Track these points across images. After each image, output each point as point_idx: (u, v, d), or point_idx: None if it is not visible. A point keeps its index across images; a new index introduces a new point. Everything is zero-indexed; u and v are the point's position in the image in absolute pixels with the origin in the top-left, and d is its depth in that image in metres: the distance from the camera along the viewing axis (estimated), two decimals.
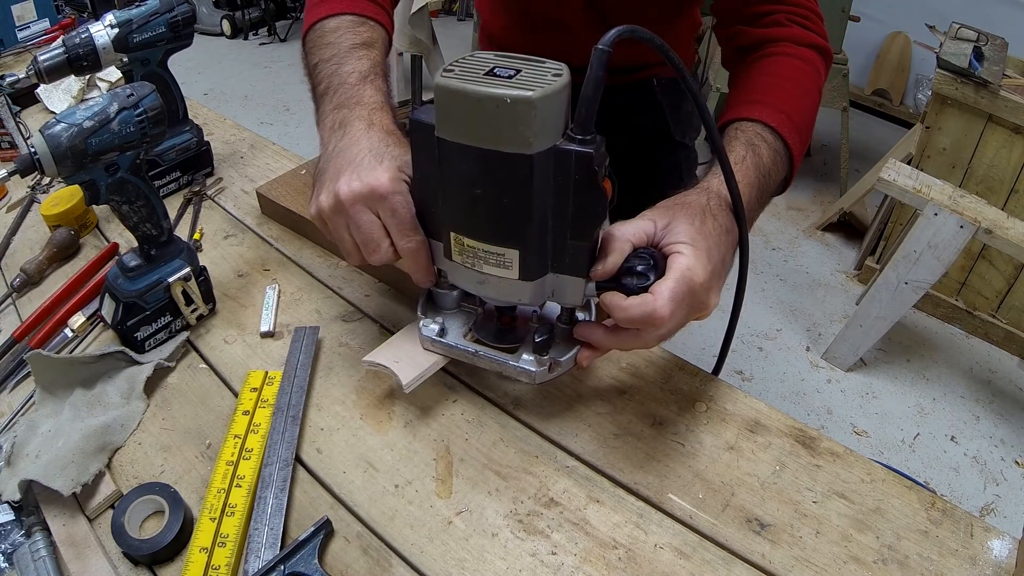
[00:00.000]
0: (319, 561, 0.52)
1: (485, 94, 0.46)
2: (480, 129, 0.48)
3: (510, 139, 0.47)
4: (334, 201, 0.57)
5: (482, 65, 0.49)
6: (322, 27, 0.70)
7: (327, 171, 0.59)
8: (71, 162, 0.59)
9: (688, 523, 0.55)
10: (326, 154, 0.61)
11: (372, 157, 0.57)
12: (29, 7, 1.38)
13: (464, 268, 0.56)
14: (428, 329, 0.63)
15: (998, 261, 2.07)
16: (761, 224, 2.74)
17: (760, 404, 0.65)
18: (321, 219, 0.60)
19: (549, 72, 0.48)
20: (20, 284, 0.81)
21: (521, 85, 0.46)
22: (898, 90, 3.37)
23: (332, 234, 0.60)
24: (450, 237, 0.55)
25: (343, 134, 0.60)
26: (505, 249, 0.53)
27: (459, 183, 0.52)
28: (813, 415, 1.94)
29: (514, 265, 0.53)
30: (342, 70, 0.65)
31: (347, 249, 0.60)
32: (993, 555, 0.53)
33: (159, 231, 0.69)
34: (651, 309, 0.50)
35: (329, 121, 0.63)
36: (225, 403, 0.66)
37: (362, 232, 0.57)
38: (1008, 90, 1.86)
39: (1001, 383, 2.07)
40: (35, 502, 0.57)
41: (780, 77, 0.71)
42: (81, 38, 0.79)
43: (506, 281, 0.55)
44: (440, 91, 0.48)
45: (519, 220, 0.51)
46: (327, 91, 0.65)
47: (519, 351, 0.61)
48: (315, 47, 0.70)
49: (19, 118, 1.14)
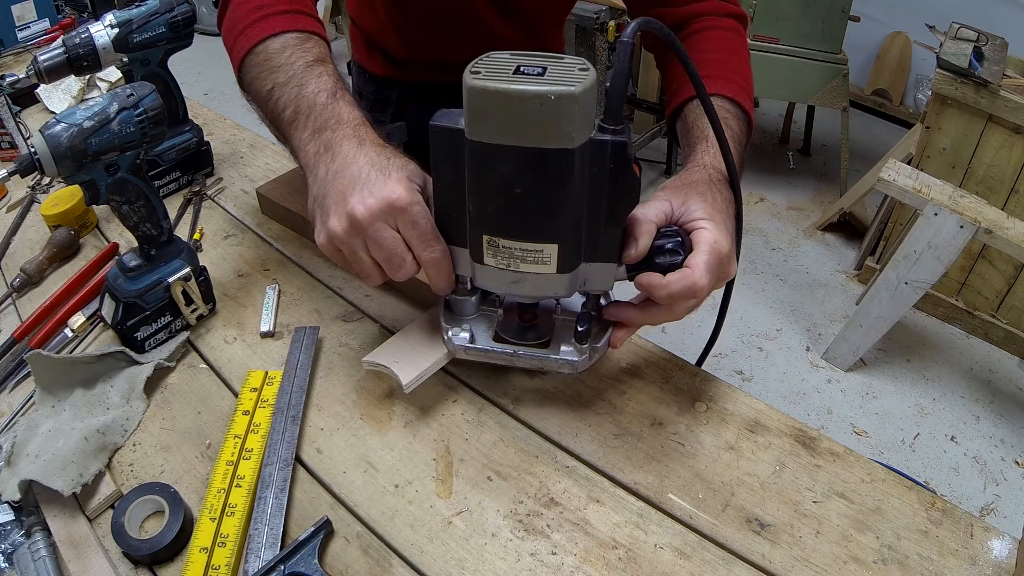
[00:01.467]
0: (319, 561, 0.52)
1: (528, 92, 0.46)
2: (522, 128, 0.48)
3: (553, 135, 0.48)
4: (348, 224, 0.54)
5: (506, 65, 0.48)
6: (264, 49, 0.65)
7: (329, 195, 0.55)
8: (71, 162, 0.59)
9: (688, 523, 0.55)
10: (320, 180, 0.57)
11: (377, 171, 0.55)
12: (29, 7, 1.38)
13: (497, 270, 0.56)
14: (459, 338, 0.61)
15: (998, 261, 2.07)
16: (761, 224, 2.74)
17: (760, 404, 0.65)
18: (333, 246, 0.56)
19: (575, 67, 0.48)
20: (20, 284, 0.81)
21: (557, 81, 0.46)
22: (898, 90, 3.36)
23: (348, 259, 0.57)
24: (482, 240, 0.54)
25: (332, 157, 0.57)
26: (544, 245, 0.53)
27: (496, 184, 0.51)
28: (813, 415, 1.94)
29: (552, 260, 0.54)
30: (306, 91, 0.61)
31: (367, 271, 0.57)
32: (993, 555, 0.53)
33: (159, 231, 0.69)
34: (691, 282, 0.54)
35: (311, 147, 0.59)
36: (225, 403, 0.66)
37: (384, 249, 0.54)
38: (1008, 90, 1.86)
39: (1001, 383, 2.07)
40: (35, 502, 0.57)
41: (719, 51, 0.76)
42: (81, 38, 0.79)
43: (543, 277, 0.55)
44: (476, 93, 0.47)
45: (559, 214, 0.52)
46: (296, 116, 0.61)
47: (553, 344, 0.61)
48: (263, 71, 0.64)
49: (19, 118, 1.14)
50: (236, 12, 0.69)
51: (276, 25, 0.66)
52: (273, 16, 0.67)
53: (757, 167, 3.10)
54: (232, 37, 0.69)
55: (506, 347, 0.61)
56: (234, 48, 0.68)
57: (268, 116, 0.65)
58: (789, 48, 2.52)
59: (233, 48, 0.69)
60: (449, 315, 0.64)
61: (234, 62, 0.69)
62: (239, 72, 0.68)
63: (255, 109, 0.68)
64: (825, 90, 2.57)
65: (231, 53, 0.69)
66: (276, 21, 0.66)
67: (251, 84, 0.67)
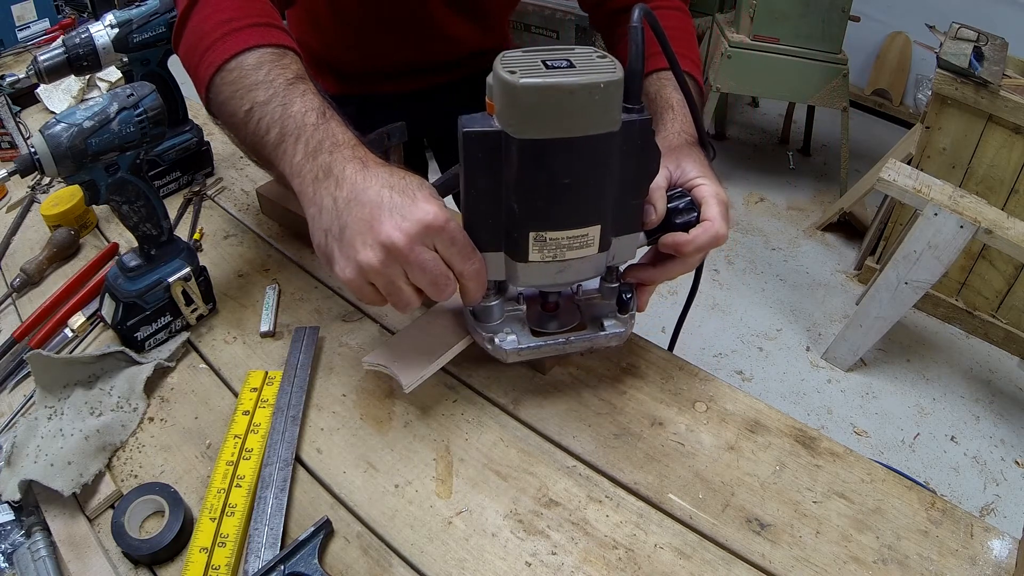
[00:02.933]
0: (319, 561, 0.52)
1: (579, 83, 0.48)
2: (573, 119, 0.49)
3: (601, 121, 0.50)
4: (384, 253, 0.50)
5: (532, 61, 0.50)
6: (238, 66, 0.60)
7: (348, 227, 0.51)
8: (71, 162, 0.59)
9: (688, 523, 0.55)
10: (328, 211, 0.53)
11: (399, 193, 0.52)
12: (29, 7, 1.38)
13: (543, 264, 0.56)
14: (508, 342, 0.60)
15: (998, 261, 2.07)
16: (761, 224, 2.74)
17: (760, 404, 0.65)
18: (363, 279, 0.52)
19: (592, 54, 0.51)
20: (20, 284, 0.81)
21: (592, 69, 0.49)
22: (898, 90, 3.36)
23: (384, 290, 0.53)
24: (528, 238, 0.54)
25: (337, 183, 0.53)
26: (588, 229, 0.55)
27: (545, 179, 0.51)
28: (813, 415, 1.94)
29: (595, 241, 0.56)
30: (291, 111, 0.57)
31: (406, 299, 0.54)
32: (993, 555, 0.53)
33: (159, 231, 0.69)
34: (714, 232, 0.60)
35: (308, 173, 0.55)
36: (225, 403, 0.66)
37: (428, 272, 0.52)
38: (1008, 90, 1.86)
39: (1001, 383, 2.07)
40: (35, 502, 0.57)
41: (672, 29, 0.80)
42: (81, 38, 0.79)
43: (586, 260, 0.57)
44: (527, 91, 0.47)
45: (602, 196, 0.54)
46: (283, 139, 0.56)
47: (590, 323, 0.63)
48: (239, 90, 0.59)
49: (19, 118, 1.14)
50: (200, 27, 0.64)
51: (248, 39, 0.61)
52: (243, 30, 0.62)
53: (757, 167, 3.10)
54: (197, 54, 0.63)
55: (557, 338, 0.61)
56: (200, 65, 0.62)
57: (246, 139, 0.60)
58: (789, 48, 2.52)
59: (199, 65, 0.62)
60: (479, 325, 0.62)
61: (200, 81, 0.63)
62: (207, 92, 0.62)
63: (227, 133, 0.64)
64: (825, 90, 2.57)
65: (195, 71, 0.63)
66: (247, 35, 0.61)
67: (224, 105, 0.61)
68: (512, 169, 0.51)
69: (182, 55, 0.66)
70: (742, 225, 2.75)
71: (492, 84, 0.50)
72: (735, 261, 2.54)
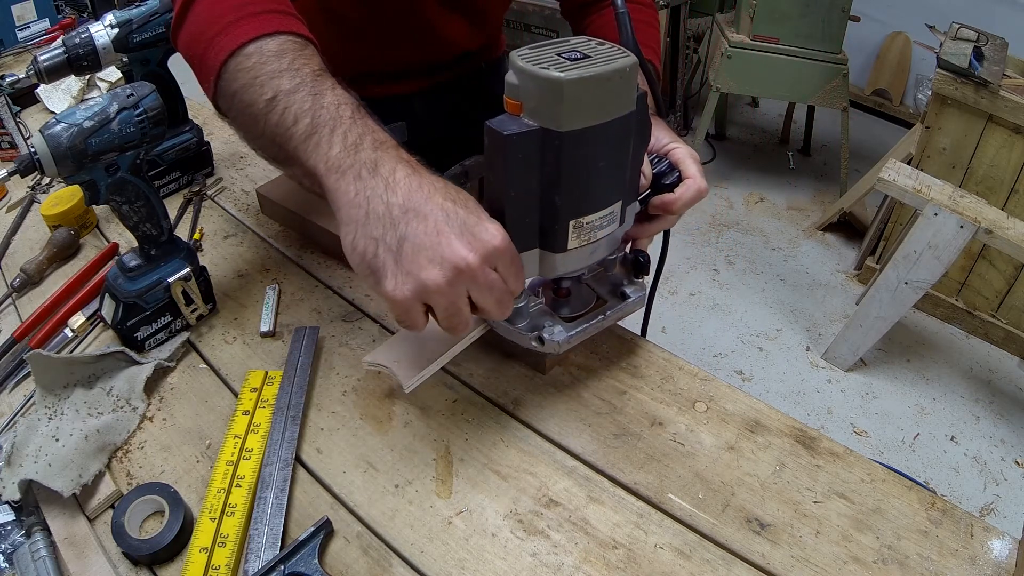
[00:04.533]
0: (319, 561, 0.52)
1: (612, 70, 0.50)
2: (606, 105, 0.52)
3: (626, 102, 0.53)
4: (455, 273, 0.47)
5: (549, 56, 0.51)
6: (258, 51, 0.55)
7: (408, 239, 0.47)
8: (71, 162, 0.59)
9: (688, 523, 0.55)
10: (381, 216, 0.48)
11: (464, 209, 0.49)
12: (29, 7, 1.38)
13: (579, 249, 0.57)
14: (556, 333, 0.61)
15: (998, 261, 2.07)
16: (761, 224, 2.74)
17: (760, 404, 0.65)
18: (418, 299, 0.48)
19: (591, 41, 0.54)
20: (20, 284, 0.81)
21: (607, 55, 0.51)
22: (898, 90, 3.37)
23: (444, 311, 0.50)
24: (567, 227, 0.55)
25: (386, 186, 0.49)
26: (614, 206, 0.58)
27: (584, 166, 0.53)
28: (813, 415, 1.94)
29: (617, 216, 0.59)
30: (324, 102, 0.53)
31: (464, 320, 0.51)
32: (993, 555, 0.53)
33: (159, 231, 0.69)
34: (698, 187, 0.65)
35: (349, 169, 0.50)
36: (225, 403, 0.66)
37: (496, 291, 0.50)
38: (1008, 90, 1.86)
39: (1001, 383, 2.07)
40: (35, 502, 0.57)
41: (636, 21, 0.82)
42: (81, 38, 0.79)
43: (611, 236, 0.60)
44: (572, 84, 0.49)
45: (624, 171, 0.58)
46: (316, 129, 0.52)
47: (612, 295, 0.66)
48: (259, 76, 0.54)
49: (19, 118, 1.14)
50: (210, 10, 0.59)
51: (268, 24, 0.56)
52: (261, 15, 0.57)
53: (757, 167, 3.10)
54: (206, 39, 0.57)
55: (596, 316, 0.64)
56: (210, 49, 0.57)
57: (265, 132, 0.55)
58: (789, 48, 2.52)
59: (208, 50, 0.57)
60: (513, 327, 0.62)
61: (208, 68, 0.57)
62: (217, 80, 0.57)
63: (236, 127, 0.58)
64: (825, 90, 2.57)
65: (203, 58, 0.58)
66: (266, 20, 0.57)
67: (238, 94, 0.55)
68: (555, 163, 0.52)
69: (184, 42, 0.61)
70: (742, 225, 2.75)
71: (518, 84, 0.50)
72: (735, 261, 2.54)
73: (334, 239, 0.81)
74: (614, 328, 0.73)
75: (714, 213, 2.81)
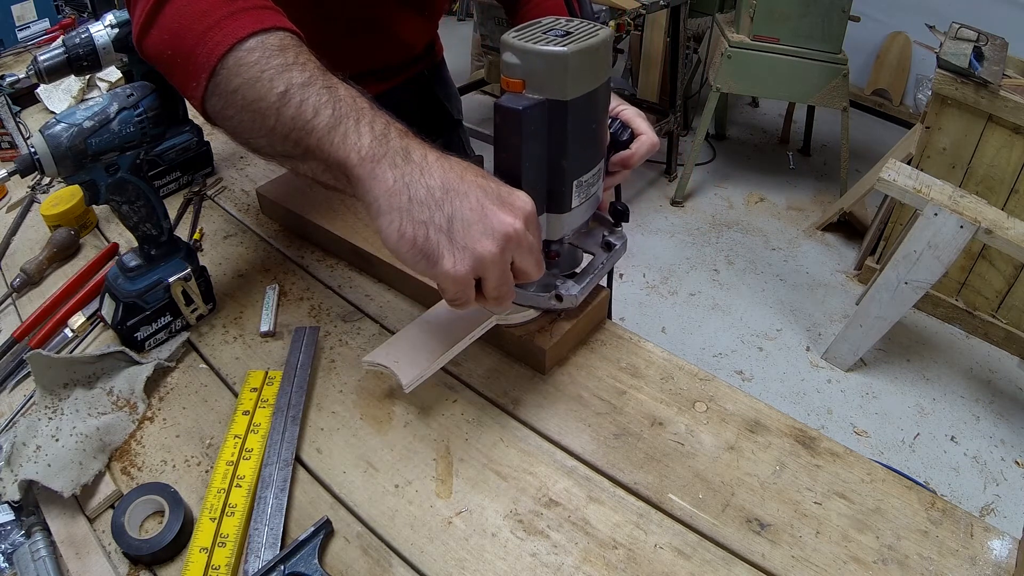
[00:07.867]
0: (319, 561, 0.52)
1: (599, 41, 0.56)
2: (598, 71, 0.57)
3: (608, 68, 0.59)
4: (505, 241, 0.50)
5: (538, 35, 0.55)
6: (261, 45, 0.53)
7: (456, 217, 0.49)
8: (71, 162, 0.59)
9: (688, 523, 0.55)
10: (425, 201, 0.49)
11: (495, 183, 0.52)
12: (29, 7, 1.38)
13: (579, 208, 0.62)
14: (570, 288, 0.64)
15: (998, 261, 2.07)
16: (761, 224, 2.74)
17: (760, 404, 0.65)
18: (473, 274, 0.51)
19: (561, 19, 0.59)
20: (20, 284, 0.81)
21: (585, 29, 0.56)
22: (898, 90, 3.37)
23: (496, 281, 0.52)
24: (572, 188, 0.60)
25: (420, 171, 0.50)
26: (600, 161, 0.63)
27: (584, 128, 0.58)
28: (813, 415, 1.94)
29: (602, 170, 0.65)
30: (340, 94, 0.52)
31: (511, 287, 0.54)
32: (993, 555, 0.53)
33: (159, 231, 0.69)
34: (651, 142, 0.69)
35: (384, 158, 0.50)
36: (225, 403, 0.66)
37: (535, 252, 0.54)
38: (1008, 90, 1.86)
39: (1001, 383, 2.07)
40: (35, 502, 0.57)
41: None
42: (81, 38, 0.79)
43: (600, 190, 0.65)
44: (576, 56, 0.54)
45: (605, 130, 0.64)
46: (340, 120, 0.50)
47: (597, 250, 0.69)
48: (267, 70, 0.52)
49: (19, 118, 1.14)
50: (193, 7, 0.55)
51: (264, 19, 0.54)
52: (252, 11, 0.54)
53: (757, 167, 3.10)
54: (194, 34, 0.54)
55: (596, 265, 0.68)
56: (200, 47, 0.53)
57: (278, 127, 0.52)
58: (789, 48, 2.52)
59: (199, 45, 0.53)
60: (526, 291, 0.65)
61: (198, 66, 0.54)
62: (210, 78, 0.54)
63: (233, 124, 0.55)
64: (825, 90, 2.57)
65: (192, 53, 0.54)
66: (261, 15, 0.54)
67: (242, 90, 0.52)
68: (563, 130, 0.57)
69: (161, 41, 0.57)
70: (742, 225, 2.75)
71: (520, 63, 0.55)
72: (735, 261, 2.55)
73: (334, 239, 0.82)
74: (614, 328, 0.73)
75: (714, 213, 2.81)
